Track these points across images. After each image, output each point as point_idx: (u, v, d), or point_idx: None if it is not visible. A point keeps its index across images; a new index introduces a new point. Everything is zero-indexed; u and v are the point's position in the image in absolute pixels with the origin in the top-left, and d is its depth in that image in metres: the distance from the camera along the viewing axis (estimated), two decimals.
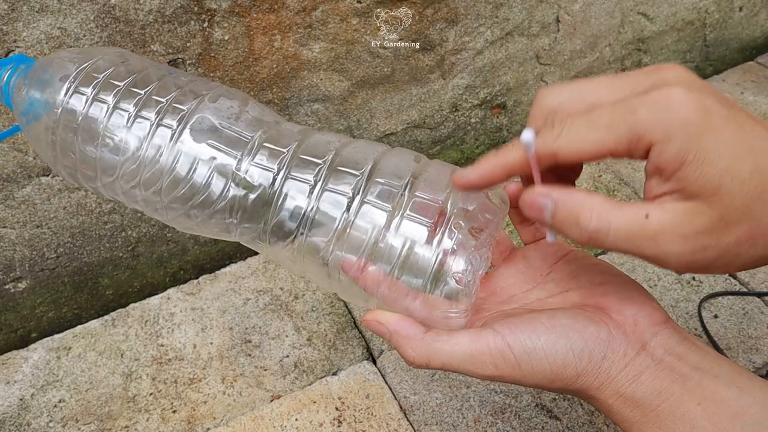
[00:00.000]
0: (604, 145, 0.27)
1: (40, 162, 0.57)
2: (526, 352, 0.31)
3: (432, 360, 0.32)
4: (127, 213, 0.64)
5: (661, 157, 0.26)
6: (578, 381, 0.31)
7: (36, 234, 0.61)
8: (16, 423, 0.55)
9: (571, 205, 0.29)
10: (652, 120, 0.26)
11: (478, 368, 0.31)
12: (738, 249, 0.27)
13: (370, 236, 0.33)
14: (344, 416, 0.53)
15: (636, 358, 0.30)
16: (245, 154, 0.36)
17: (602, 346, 0.31)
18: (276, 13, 0.59)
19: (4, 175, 0.56)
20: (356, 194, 0.34)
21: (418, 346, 0.33)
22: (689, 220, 0.27)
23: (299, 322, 0.62)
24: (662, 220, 0.27)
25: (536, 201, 0.30)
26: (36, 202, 0.59)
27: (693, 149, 0.26)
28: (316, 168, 0.35)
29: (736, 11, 0.91)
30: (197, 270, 0.71)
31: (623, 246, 0.28)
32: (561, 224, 0.30)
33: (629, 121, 0.27)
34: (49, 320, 0.66)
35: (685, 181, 0.26)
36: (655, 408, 0.29)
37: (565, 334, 0.31)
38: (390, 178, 0.34)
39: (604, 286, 0.34)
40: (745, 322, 0.58)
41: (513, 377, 0.31)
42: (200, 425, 0.54)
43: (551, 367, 0.31)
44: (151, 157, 0.36)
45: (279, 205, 0.35)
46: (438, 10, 0.66)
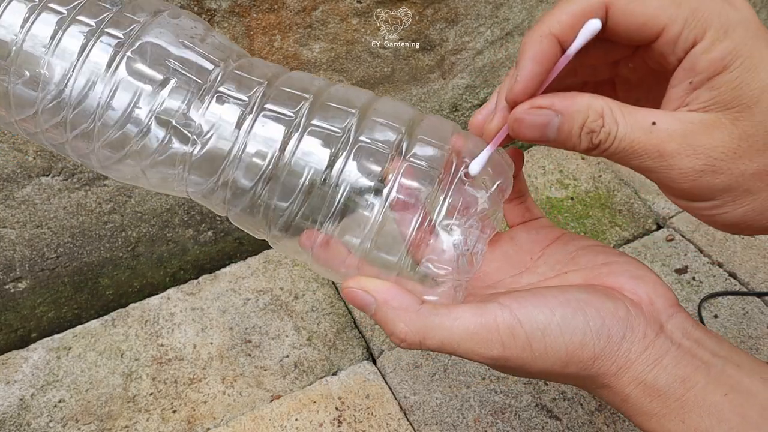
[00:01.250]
0: (660, 16, 0.24)
1: (40, 162, 0.57)
2: (539, 329, 0.26)
3: (428, 337, 0.27)
4: (127, 213, 0.64)
5: (707, 55, 0.23)
6: (594, 365, 0.26)
7: (36, 234, 0.61)
8: (16, 423, 0.55)
9: (577, 112, 0.25)
10: (718, 8, 0.23)
11: (482, 348, 0.26)
12: (752, 184, 0.24)
13: (338, 203, 0.28)
14: (344, 416, 0.53)
15: (656, 341, 0.26)
16: (202, 91, 0.29)
17: (621, 325, 0.26)
18: (276, 13, 0.59)
19: (4, 175, 0.56)
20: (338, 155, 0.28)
21: (413, 319, 0.27)
22: (706, 131, 0.24)
23: (299, 322, 0.62)
24: (671, 129, 0.24)
25: (537, 117, 0.26)
26: (36, 202, 0.59)
27: (746, 53, 0.23)
28: (291, 119, 0.29)
29: None
30: (197, 270, 0.71)
31: (627, 156, 0.25)
32: (566, 138, 0.26)
33: (696, 1, 0.23)
34: (49, 320, 0.66)
35: (720, 89, 0.23)
36: (680, 397, 0.26)
37: (582, 309, 0.26)
38: (380, 135, 0.29)
39: (610, 266, 0.30)
40: (745, 322, 0.58)
41: (521, 359, 0.27)
42: (200, 425, 0.54)
43: (567, 347, 0.26)
44: (78, 92, 0.28)
45: (240, 157, 0.29)
46: (438, 10, 0.66)
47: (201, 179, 0.30)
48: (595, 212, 0.71)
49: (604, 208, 0.72)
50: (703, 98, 0.24)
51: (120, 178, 0.32)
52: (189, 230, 0.68)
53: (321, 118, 0.29)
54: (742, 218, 0.25)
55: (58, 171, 0.58)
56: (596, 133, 0.25)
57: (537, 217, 0.35)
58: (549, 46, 0.25)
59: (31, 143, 0.55)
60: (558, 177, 0.76)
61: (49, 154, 0.57)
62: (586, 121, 0.25)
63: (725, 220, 0.26)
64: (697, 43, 0.23)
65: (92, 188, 0.61)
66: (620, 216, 0.70)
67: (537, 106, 0.26)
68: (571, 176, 0.76)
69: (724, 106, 0.23)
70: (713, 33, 0.23)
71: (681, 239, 0.67)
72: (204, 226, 0.68)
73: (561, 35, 0.25)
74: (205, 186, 0.31)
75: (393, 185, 0.28)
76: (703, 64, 0.23)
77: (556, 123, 0.25)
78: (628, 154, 0.25)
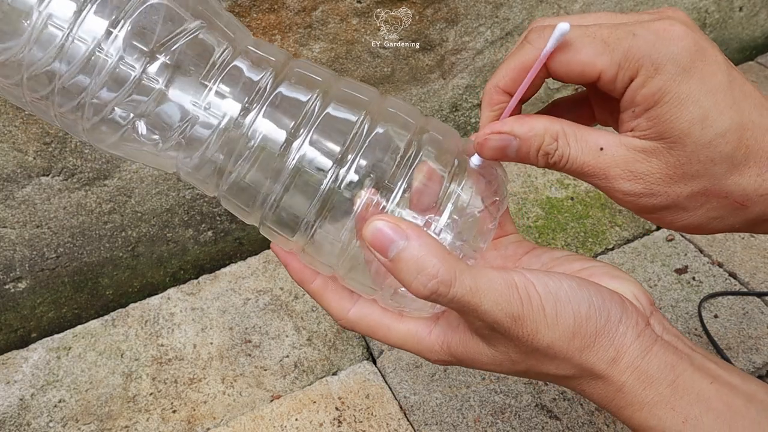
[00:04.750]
0: (595, 63, 0.26)
1: (40, 162, 0.57)
2: (551, 293, 0.26)
3: (458, 280, 0.25)
4: (127, 213, 0.64)
5: (641, 90, 0.26)
6: (595, 344, 0.27)
7: (36, 234, 0.61)
8: (16, 423, 0.55)
9: (533, 136, 0.28)
10: (649, 47, 0.25)
11: (505, 302, 0.26)
12: (688, 204, 0.27)
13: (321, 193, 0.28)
14: (344, 416, 0.53)
15: (646, 330, 0.28)
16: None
17: (619, 308, 0.27)
18: (276, 13, 0.59)
19: (4, 175, 0.56)
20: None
21: (446, 258, 0.26)
22: (645, 158, 0.26)
23: (299, 322, 0.62)
24: (616, 155, 0.27)
25: (498, 141, 0.29)
26: (36, 202, 0.59)
27: (674, 89, 0.25)
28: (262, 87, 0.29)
29: (736, 11, 0.90)
30: (197, 270, 0.71)
31: (579, 175, 0.28)
32: (524, 157, 0.29)
33: (628, 44, 0.25)
34: (49, 320, 0.66)
35: (654, 120, 0.26)
36: (671, 383, 0.26)
37: (585, 287, 0.27)
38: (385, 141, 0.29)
39: (588, 270, 0.30)
40: (745, 322, 0.58)
41: (534, 323, 0.26)
42: (200, 425, 0.54)
43: (575, 316, 0.26)
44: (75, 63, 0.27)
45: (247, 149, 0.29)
46: (438, 10, 0.66)
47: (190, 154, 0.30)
48: (595, 212, 0.71)
49: (604, 208, 0.72)
50: (643, 126, 0.26)
51: (107, 148, 0.32)
52: (189, 230, 0.68)
53: (335, 106, 0.30)
54: (685, 227, 0.28)
55: (58, 171, 0.58)
56: (551, 155, 0.28)
57: (508, 233, 0.35)
58: (497, 96, 0.29)
59: (31, 143, 0.55)
60: (558, 177, 0.76)
61: (49, 154, 0.57)
62: (542, 144, 0.28)
63: (671, 227, 0.29)
64: (633, 80, 0.26)
65: (92, 188, 0.61)
66: (620, 216, 0.70)
67: (497, 131, 0.29)
68: (571, 176, 0.76)
69: (660, 135, 0.26)
70: (645, 71, 0.25)
71: (681, 239, 0.67)
72: (204, 226, 0.68)
73: (505, 87, 0.29)
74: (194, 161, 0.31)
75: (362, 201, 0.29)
76: (638, 99, 0.26)
77: (515, 146, 0.28)
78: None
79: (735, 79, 0.26)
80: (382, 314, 0.31)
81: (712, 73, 0.25)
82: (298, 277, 0.33)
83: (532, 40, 0.28)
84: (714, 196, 0.27)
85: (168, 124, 0.29)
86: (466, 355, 0.30)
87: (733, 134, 0.25)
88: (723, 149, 0.25)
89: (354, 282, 0.31)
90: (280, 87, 0.30)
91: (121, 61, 0.28)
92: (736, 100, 0.25)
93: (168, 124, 0.29)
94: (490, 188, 0.31)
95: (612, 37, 0.26)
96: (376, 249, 0.26)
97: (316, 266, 0.32)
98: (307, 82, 0.30)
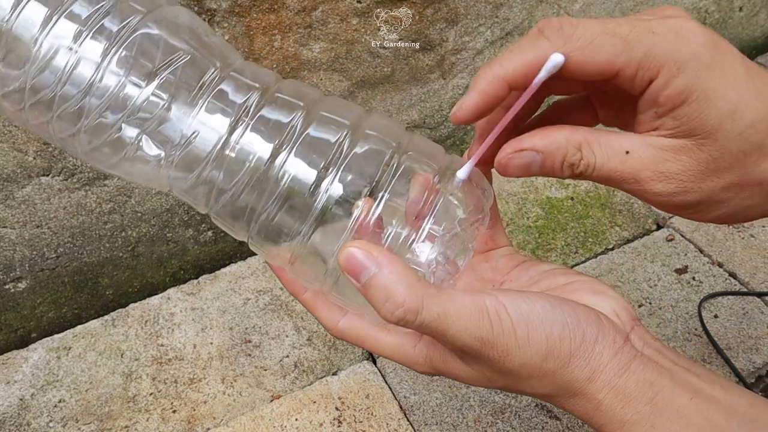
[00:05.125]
0: (615, 61, 0.25)
1: (40, 162, 0.57)
2: (523, 315, 0.27)
3: (426, 306, 0.26)
4: (127, 213, 0.64)
5: (666, 90, 0.25)
6: (570, 364, 0.27)
7: (36, 234, 0.61)
8: (16, 423, 0.55)
9: (556, 149, 0.27)
10: (670, 46, 0.25)
11: (474, 326, 0.26)
12: (723, 196, 0.27)
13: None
14: (344, 416, 0.53)
15: (624, 347, 0.28)
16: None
17: (594, 327, 0.27)
18: (276, 13, 0.59)
19: (4, 175, 0.56)
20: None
21: (414, 286, 0.26)
22: (675, 157, 0.26)
23: (299, 322, 0.62)
24: (644, 157, 0.26)
25: (521, 159, 0.28)
26: (36, 202, 0.59)
27: (700, 86, 0.25)
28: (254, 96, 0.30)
29: (736, 11, 0.91)
30: (197, 270, 0.71)
31: (607, 182, 0.27)
32: (549, 171, 0.28)
33: (649, 42, 0.25)
34: (49, 320, 0.66)
35: (682, 119, 0.25)
36: (649, 401, 0.26)
37: (559, 307, 0.27)
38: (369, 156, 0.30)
39: (572, 284, 0.31)
40: (745, 322, 0.58)
41: (505, 346, 0.26)
42: (200, 425, 0.54)
43: (547, 338, 0.27)
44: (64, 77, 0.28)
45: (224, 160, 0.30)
46: (438, 10, 0.66)
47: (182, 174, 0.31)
48: (595, 212, 0.71)
49: (604, 208, 0.72)
50: (669, 125, 0.26)
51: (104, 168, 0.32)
52: (189, 230, 0.68)
53: (316, 128, 0.30)
54: (719, 218, 0.28)
55: (58, 171, 0.58)
56: (576, 166, 0.27)
57: (500, 245, 0.36)
58: (498, 88, 0.27)
59: (31, 143, 0.55)
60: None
61: (49, 154, 0.57)
62: (566, 156, 0.27)
63: (705, 220, 0.29)
64: (653, 80, 0.25)
65: (92, 188, 0.61)
66: (620, 216, 0.70)
67: (519, 149, 0.28)
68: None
69: (689, 133, 0.25)
70: (667, 71, 0.25)
71: (681, 239, 0.67)
72: (204, 226, 0.68)
73: (512, 81, 0.27)
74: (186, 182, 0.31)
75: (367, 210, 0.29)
76: (662, 99, 0.25)
77: (538, 161, 0.28)
78: (608, 180, 0.27)
79: (751, 69, 0.25)
80: (370, 326, 0.32)
81: (731, 66, 0.25)
82: (290, 289, 0.33)
83: (550, 36, 0.26)
84: (748, 185, 0.26)
85: (164, 145, 0.30)
86: (447, 370, 0.30)
87: (762, 123, 0.25)
88: (754, 139, 0.25)
89: (339, 298, 0.32)
90: (263, 109, 0.30)
91: (121, 86, 0.29)
92: (759, 89, 0.25)
93: (164, 145, 0.30)
94: (474, 206, 0.31)
95: (632, 35, 0.25)
96: (349, 274, 0.27)
97: (303, 281, 0.32)
98: (290, 104, 0.31)
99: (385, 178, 0.29)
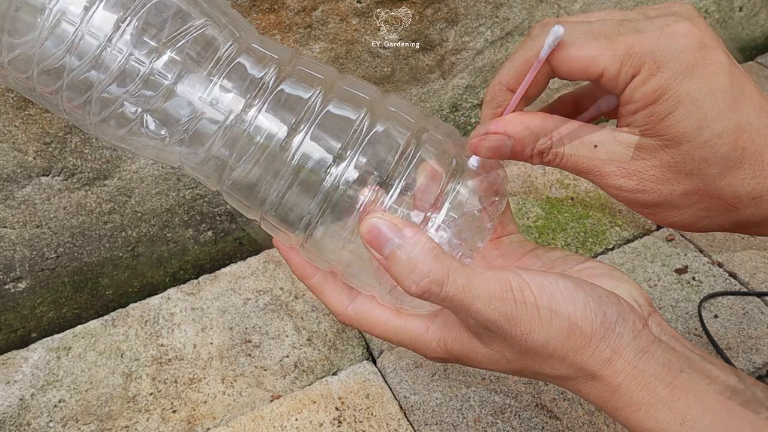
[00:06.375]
0: (599, 60, 0.26)
1: (40, 162, 0.57)
2: (546, 293, 0.26)
3: (450, 279, 0.26)
4: (127, 213, 0.64)
5: (642, 87, 0.25)
6: (591, 344, 0.27)
7: (36, 234, 0.61)
8: (16, 423, 0.55)
9: (527, 136, 0.28)
10: (652, 43, 0.25)
11: (498, 301, 0.26)
12: (680, 201, 0.27)
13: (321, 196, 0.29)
14: (344, 416, 0.53)
15: (643, 330, 0.27)
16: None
17: (615, 309, 0.27)
18: (276, 13, 0.59)
19: (4, 175, 0.56)
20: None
21: (439, 257, 0.26)
22: (639, 155, 0.26)
23: (299, 322, 0.62)
24: (610, 152, 0.27)
25: (492, 141, 0.29)
26: (36, 202, 0.59)
27: (674, 88, 0.25)
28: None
29: (736, 11, 0.91)
30: (197, 270, 0.71)
31: (573, 172, 0.28)
32: (519, 156, 0.29)
33: (631, 40, 0.25)
34: (49, 320, 0.66)
35: (651, 117, 0.26)
36: (668, 384, 0.26)
37: (581, 287, 0.27)
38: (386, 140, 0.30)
39: (587, 270, 0.31)
40: (745, 322, 0.58)
41: (528, 323, 0.26)
42: (200, 425, 0.54)
43: (570, 316, 0.26)
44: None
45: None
46: (438, 10, 0.66)
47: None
48: (595, 212, 0.71)
49: (604, 208, 0.72)
50: (639, 122, 0.26)
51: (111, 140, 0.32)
52: (189, 230, 0.68)
53: (334, 106, 0.30)
54: (676, 224, 0.29)
55: (58, 171, 0.58)
56: (545, 153, 0.28)
57: (510, 233, 0.35)
58: (500, 94, 0.29)
59: (31, 143, 0.55)
60: (558, 177, 0.76)
61: (49, 154, 0.57)
62: (536, 143, 0.28)
63: (663, 223, 0.29)
64: (635, 76, 0.26)
65: (92, 188, 0.61)
66: (620, 216, 0.70)
67: (492, 132, 0.29)
68: (571, 176, 0.76)
69: (656, 133, 0.26)
70: (647, 69, 0.25)
71: (681, 239, 0.67)
72: (204, 226, 0.68)
73: (508, 84, 0.29)
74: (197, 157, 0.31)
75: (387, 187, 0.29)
76: (638, 96, 0.26)
77: (509, 145, 0.28)
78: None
79: (737, 79, 0.25)
80: (380, 311, 0.31)
81: (713, 72, 0.25)
82: (299, 272, 0.33)
83: (534, 36, 0.27)
84: (706, 196, 0.27)
85: (175, 119, 0.30)
86: (462, 353, 0.30)
87: (729, 136, 0.25)
88: (718, 150, 0.25)
89: (352, 277, 0.31)
90: (282, 84, 0.30)
91: (131, 57, 0.28)
92: (736, 101, 0.25)
93: (175, 119, 0.30)
94: (490, 188, 0.31)
95: (614, 33, 0.26)
96: (371, 246, 0.27)
97: (316, 261, 0.32)
98: (310, 80, 0.31)
99: (401, 161, 0.29)
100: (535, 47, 0.27)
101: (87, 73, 0.28)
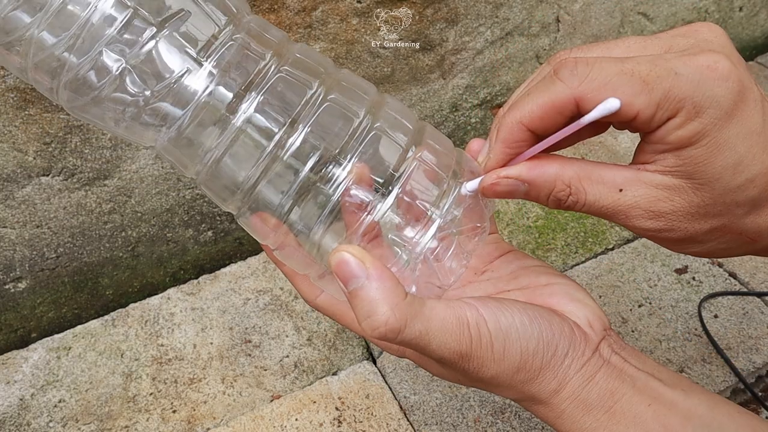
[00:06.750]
0: (633, 104, 0.24)
1: (40, 162, 0.57)
2: (501, 330, 0.27)
3: (408, 326, 0.26)
4: (127, 213, 0.64)
5: (678, 131, 0.24)
6: (539, 377, 0.28)
7: (36, 234, 0.61)
8: (16, 423, 0.55)
9: (543, 182, 0.27)
10: (692, 88, 0.24)
11: (454, 341, 0.26)
12: (705, 238, 0.27)
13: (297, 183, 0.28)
14: (344, 416, 0.53)
15: (591, 359, 0.28)
16: None
17: (567, 341, 0.28)
18: (276, 13, 0.59)
19: (4, 175, 0.56)
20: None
21: (399, 305, 0.26)
22: (668, 197, 0.26)
23: (299, 322, 0.62)
24: (637, 195, 0.26)
25: (505, 187, 0.28)
26: (36, 202, 0.59)
27: (714, 133, 0.24)
28: None
29: (736, 11, 0.91)
30: (197, 270, 0.71)
31: (594, 214, 0.28)
32: (535, 200, 0.28)
33: (669, 84, 0.24)
34: (49, 320, 0.66)
35: (686, 160, 0.25)
36: (608, 410, 0.28)
37: (537, 320, 0.28)
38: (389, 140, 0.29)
39: (551, 287, 0.31)
40: (745, 322, 0.58)
41: (481, 359, 0.27)
42: (200, 425, 0.54)
43: (522, 353, 0.27)
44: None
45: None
46: (438, 10, 0.66)
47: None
48: None
49: None
50: (669, 162, 0.25)
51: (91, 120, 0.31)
52: (189, 230, 0.68)
53: (337, 95, 0.29)
54: (694, 253, 0.29)
55: (58, 171, 0.58)
56: (564, 201, 0.28)
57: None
58: (519, 133, 0.27)
59: (31, 143, 0.55)
60: None
61: (49, 154, 0.57)
62: (553, 191, 0.27)
63: (680, 252, 0.29)
64: (671, 119, 0.24)
65: (92, 188, 0.61)
66: None
67: (504, 176, 0.28)
68: None
69: (688, 176, 0.25)
70: (685, 113, 0.24)
71: None
72: (204, 226, 0.68)
73: (530, 126, 0.27)
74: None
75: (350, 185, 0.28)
76: (672, 138, 0.25)
77: (522, 189, 0.28)
78: (596, 213, 0.28)
79: (767, 116, 0.25)
80: (347, 303, 0.32)
81: (750, 115, 0.24)
82: (274, 258, 0.34)
83: (564, 78, 0.25)
84: (729, 233, 0.27)
85: (151, 80, 0.28)
86: (420, 361, 0.32)
87: (761, 179, 0.25)
88: (750, 193, 0.25)
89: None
90: (281, 71, 0.29)
91: (108, 11, 0.27)
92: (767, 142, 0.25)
93: (151, 80, 0.28)
94: (477, 214, 0.31)
95: (651, 76, 0.24)
96: (338, 278, 0.27)
97: (292, 266, 0.32)
98: (309, 70, 0.30)
99: (399, 168, 0.29)
100: (564, 91, 0.25)
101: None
